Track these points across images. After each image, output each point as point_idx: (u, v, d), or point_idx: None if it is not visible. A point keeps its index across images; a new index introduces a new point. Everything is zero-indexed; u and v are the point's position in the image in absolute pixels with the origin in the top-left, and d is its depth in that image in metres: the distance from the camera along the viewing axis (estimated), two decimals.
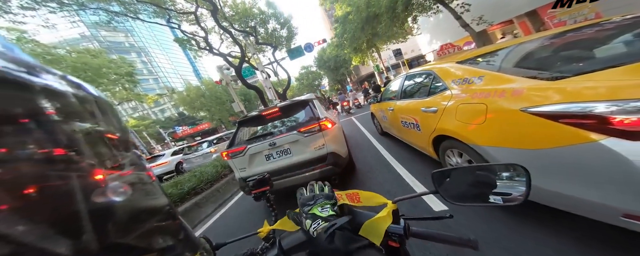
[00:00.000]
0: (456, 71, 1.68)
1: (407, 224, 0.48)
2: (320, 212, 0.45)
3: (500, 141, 1.12)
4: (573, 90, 0.85)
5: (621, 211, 0.77)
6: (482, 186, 0.47)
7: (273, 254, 0.54)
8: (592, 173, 0.80)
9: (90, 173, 0.22)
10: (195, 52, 10.86)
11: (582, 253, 1.01)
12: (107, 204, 0.22)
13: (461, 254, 1.19)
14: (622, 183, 0.73)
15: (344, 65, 27.79)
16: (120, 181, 0.26)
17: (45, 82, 0.20)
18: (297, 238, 0.53)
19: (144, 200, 0.28)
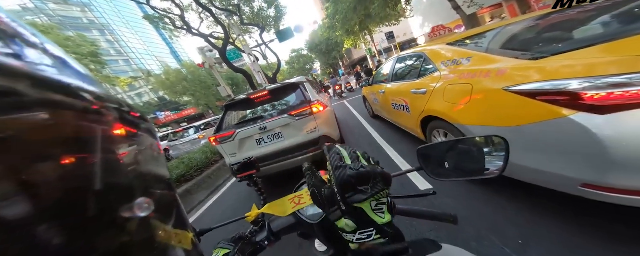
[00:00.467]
0: (446, 52, 1.69)
1: (392, 202, 0.48)
2: (372, 212, 0.30)
3: (483, 120, 1.18)
4: (551, 68, 0.89)
5: (579, 181, 0.86)
6: (463, 160, 0.48)
7: (262, 236, 0.54)
8: (558, 146, 0.88)
9: (113, 127, 0.23)
10: (171, 31, 9.98)
11: (540, 218, 1.14)
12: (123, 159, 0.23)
13: (443, 228, 1.28)
14: (584, 154, 0.80)
15: (335, 48, 26.98)
16: (136, 139, 0.27)
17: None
18: (287, 220, 0.54)
19: (151, 165, 0.29)
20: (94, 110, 0.21)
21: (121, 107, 0.26)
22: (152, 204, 0.25)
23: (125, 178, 0.24)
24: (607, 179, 0.77)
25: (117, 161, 0.23)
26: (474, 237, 1.17)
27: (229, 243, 0.53)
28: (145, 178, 0.27)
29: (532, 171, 1.03)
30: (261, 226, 0.57)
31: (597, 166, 0.78)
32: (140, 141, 0.28)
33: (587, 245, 0.95)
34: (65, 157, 0.17)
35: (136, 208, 0.23)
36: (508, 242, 1.08)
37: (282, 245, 0.62)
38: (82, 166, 0.18)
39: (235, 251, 0.51)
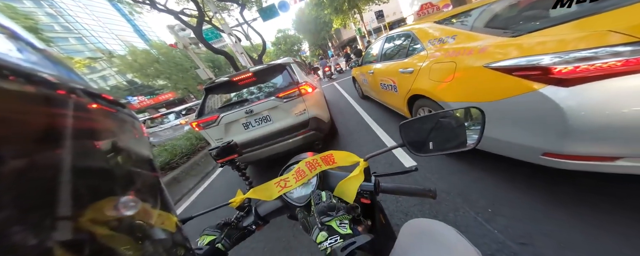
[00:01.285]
0: (433, 31, 1.68)
1: (377, 181, 0.50)
2: (338, 226, 0.40)
3: (464, 97, 1.23)
4: (528, 45, 0.93)
5: (541, 151, 0.95)
6: (443, 134, 0.49)
7: (250, 221, 0.54)
8: (525, 119, 0.95)
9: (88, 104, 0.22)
10: (131, 7, 8.75)
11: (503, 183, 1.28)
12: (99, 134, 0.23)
13: (426, 203, 1.38)
14: (547, 125, 0.88)
15: (324, 28, 25.76)
16: (116, 120, 0.26)
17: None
18: (274, 204, 0.54)
19: (133, 145, 0.28)
20: (61, 96, 0.20)
21: (91, 90, 0.24)
22: (134, 182, 0.25)
23: (106, 157, 0.23)
24: (565, 147, 0.86)
25: (97, 141, 0.22)
26: (452, 209, 1.28)
27: (215, 230, 0.53)
28: (127, 157, 0.26)
29: (502, 143, 1.13)
30: (248, 212, 0.57)
31: (557, 136, 0.86)
32: (120, 121, 0.27)
33: (550, 211, 1.08)
34: (38, 143, 0.16)
35: (118, 186, 0.22)
36: (479, 211, 1.21)
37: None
38: (57, 150, 0.17)
39: (222, 237, 0.51)
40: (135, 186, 0.25)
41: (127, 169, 0.25)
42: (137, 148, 0.29)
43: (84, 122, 0.21)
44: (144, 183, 0.28)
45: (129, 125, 0.29)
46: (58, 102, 0.19)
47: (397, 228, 0.53)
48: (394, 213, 1.38)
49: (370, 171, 0.53)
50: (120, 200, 0.22)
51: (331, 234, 0.39)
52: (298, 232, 1.48)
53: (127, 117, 0.29)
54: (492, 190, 1.31)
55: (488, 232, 1.09)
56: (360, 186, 0.48)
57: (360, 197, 0.49)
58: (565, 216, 1.03)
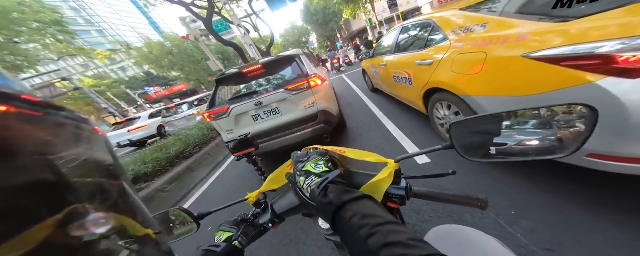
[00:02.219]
0: (458, 19, 1.53)
1: (408, 184, 0.44)
2: (313, 168, 0.43)
3: (493, 90, 1.11)
4: (579, 31, 0.79)
5: (586, 152, 0.85)
6: (510, 137, 0.38)
7: (266, 218, 0.52)
8: None
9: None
10: (145, 0, 8.94)
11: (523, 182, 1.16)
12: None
13: (440, 204, 1.28)
14: (600, 123, 0.76)
15: (333, 19, 25.04)
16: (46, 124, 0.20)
17: None
18: (290, 201, 0.51)
19: (79, 150, 0.23)
20: None
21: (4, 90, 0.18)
22: (84, 195, 0.20)
23: (44, 171, 0.18)
24: (620, 148, 0.75)
25: (14, 154, 0.16)
26: (469, 209, 1.19)
27: (232, 226, 0.52)
28: (78, 167, 0.21)
29: None
30: (264, 208, 0.55)
31: (611, 135, 0.75)
32: (53, 125, 0.21)
33: (582, 215, 0.98)
34: None
35: (61, 204, 0.17)
36: (500, 212, 1.12)
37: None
38: None
39: (239, 234, 0.50)
40: (87, 203, 0.20)
41: (69, 184, 0.20)
42: (85, 155, 0.23)
43: None
44: (101, 196, 0.22)
45: (70, 128, 0.23)
46: None
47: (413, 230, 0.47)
48: (404, 210, 1.31)
49: (400, 173, 0.46)
50: (88, 218, 0.18)
51: (308, 176, 0.42)
52: (306, 226, 1.47)
53: (65, 120, 0.23)
54: (515, 191, 1.22)
55: (510, 235, 1.00)
56: (388, 190, 0.43)
57: (388, 201, 0.44)
58: (599, 222, 0.93)
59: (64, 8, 39.93)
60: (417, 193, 0.44)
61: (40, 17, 10.56)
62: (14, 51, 9.76)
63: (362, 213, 0.31)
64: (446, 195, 0.42)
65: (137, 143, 7.44)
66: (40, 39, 11.11)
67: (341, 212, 0.32)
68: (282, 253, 1.36)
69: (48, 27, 10.87)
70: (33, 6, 10.71)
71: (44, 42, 11.44)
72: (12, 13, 9.59)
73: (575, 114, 0.34)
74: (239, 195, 0.58)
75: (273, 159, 2.87)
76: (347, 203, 0.33)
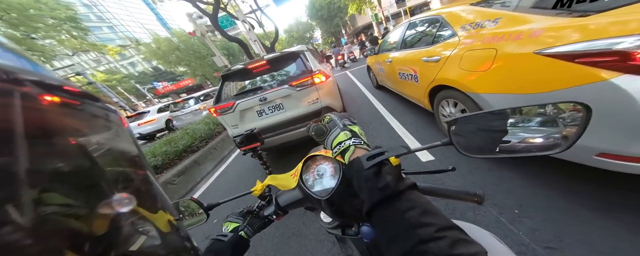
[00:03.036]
0: (468, 14, 1.49)
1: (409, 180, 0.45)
2: (359, 133, 0.38)
3: (503, 88, 1.09)
4: (597, 27, 0.76)
5: (596, 151, 0.82)
6: (508, 133, 0.38)
7: (271, 211, 0.54)
8: None
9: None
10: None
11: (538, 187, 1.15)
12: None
13: (443, 202, 1.28)
14: (610, 122, 0.74)
15: (338, 14, 24.66)
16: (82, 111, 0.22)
17: None
18: (294, 195, 0.53)
19: (112, 140, 0.24)
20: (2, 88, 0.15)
21: (48, 80, 0.20)
22: (116, 183, 0.21)
23: (79, 158, 0.19)
24: (630, 148, 0.72)
25: (57, 141, 0.18)
26: (471, 207, 1.19)
27: (238, 217, 0.55)
28: (108, 156, 0.22)
29: None
30: (268, 201, 0.57)
31: (623, 134, 0.73)
32: (90, 114, 0.23)
33: (588, 215, 0.96)
34: None
35: (95, 192, 0.18)
36: (503, 211, 1.11)
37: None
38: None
39: (245, 225, 0.52)
40: (115, 189, 0.22)
41: (102, 171, 0.22)
42: (115, 145, 0.25)
43: (37, 119, 0.17)
44: (132, 184, 0.24)
45: (103, 120, 0.25)
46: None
47: None
48: None
49: (400, 168, 0.47)
50: (113, 198, 0.20)
51: (354, 135, 0.37)
52: (308, 220, 1.50)
53: (98, 110, 0.24)
54: (520, 190, 1.20)
55: (510, 233, 1.00)
56: None
57: None
58: (604, 221, 0.91)
59: (77, 5, 40.78)
60: (418, 188, 0.45)
61: (55, 14, 10.83)
62: (31, 47, 10.09)
63: (423, 208, 0.26)
64: (445, 190, 0.43)
65: (146, 136, 7.63)
66: (56, 35, 11.42)
67: (396, 201, 0.27)
68: (285, 246, 1.38)
69: (63, 23, 11.16)
70: (49, 3, 10.99)
71: (59, 39, 11.74)
72: (29, 10, 9.85)
73: (570, 112, 0.34)
74: (243, 189, 0.60)
75: (277, 154, 2.89)
76: (406, 191, 0.28)
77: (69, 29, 11.48)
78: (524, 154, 0.36)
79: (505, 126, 0.38)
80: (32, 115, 0.16)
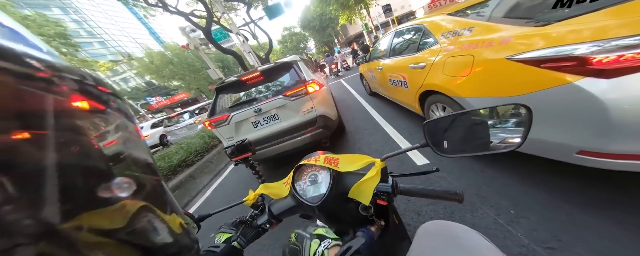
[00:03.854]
0: (447, 23, 1.60)
1: (395, 182, 0.47)
2: (326, 233, 0.42)
3: (484, 91, 1.15)
4: (558, 35, 0.84)
5: (576, 149, 0.87)
6: (476, 134, 0.44)
7: (264, 219, 0.55)
8: (557, 114, 0.87)
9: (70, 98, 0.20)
10: (145, 10, 9.09)
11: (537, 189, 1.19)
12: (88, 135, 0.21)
13: (440, 202, 1.31)
14: (584, 121, 0.80)
15: (330, 25, 25.47)
16: (107, 118, 0.24)
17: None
18: (287, 203, 0.54)
19: (130, 149, 0.27)
20: (42, 78, 0.18)
21: (84, 80, 0.22)
22: (133, 185, 0.24)
23: (101, 161, 0.21)
24: (605, 145, 0.77)
25: (85, 141, 0.20)
26: (469, 209, 1.21)
27: (231, 228, 0.54)
28: (125, 162, 0.25)
29: (529, 140, 1.04)
30: (262, 210, 0.58)
31: (596, 132, 0.78)
32: (112, 120, 0.25)
33: (583, 214, 0.98)
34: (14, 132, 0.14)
35: (116, 189, 0.21)
36: (500, 212, 1.13)
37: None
38: (38, 145, 0.16)
39: (238, 235, 0.52)
40: (139, 191, 0.24)
41: (129, 175, 0.24)
42: (136, 152, 0.28)
43: (66, 118, 0.19)
44: (147, 187, 0.27)
45: (124, 127, 0.27)
46: (38, 84, 0.17)
47: (409, 228, 0.50)
48: (405, 212, 1.33)
49: (387, 172, 0.50)
50: (114, 181, 0.22)
51: (323, 239, 0.40)
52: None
53: (120, 116, 0.27)
54: (513, 190, 1.23)
55: (510, 235, 1.02)
56: (377, 188, 0.46)
57: (377, 198, 0.48)
58: (601, 220, 0.94)
59: (66, 21, 40.78)
60: (402, 190, 0.48)
61: (44, 31, 10.80)
62: None
63: None
64: (429, 191, 0.45)
65: None
66: None
67: None
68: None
69: (52, 40, 11.10)
70: (37, 20, 10.97)
71: None
72: None
73: (514, 114, 0.40)
74: (239, 200, 0.60)
75: (273, 164, 2.89)
76: None
77: (58, 45, 11.40)
78: (489, 152, 0.41)
79: (471, 127, 0.43)
80: (64, 113, 0.18)
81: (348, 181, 0.51)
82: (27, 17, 10.84)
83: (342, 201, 0.49)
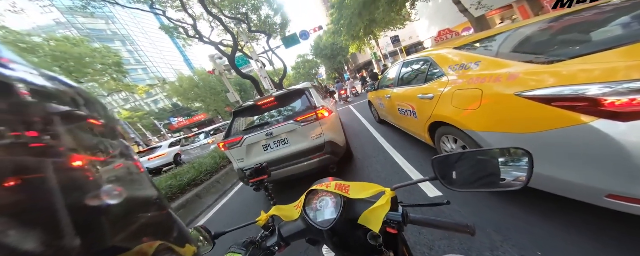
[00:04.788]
0: (453, 56, 1.66)
1: (405, 211, 0.48)
2: None
3: (495, 126, 1.14)
4: (568, 73, 0.85)
5: (605, 192, 0.80)
6: (483, 171, 0.46)
7: (273, 241, 0.55)
8: (579, 155, 0.83)
9: (69, 159, 0.20)
10: (184, 40, 10.43)
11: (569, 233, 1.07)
12: (91, 196, 0.21)
13: (455, 237, 1.23)
14: (609, 164, 0.75)
15: (340, 53, 27.15)
16: (106, 169, 0.25)
17: (16, 74, 0.19)
18: (296, 226, 0.54)
19: (133, 191, 0.27)
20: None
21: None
22: (148, 232, 0.24)
23: (99, 210, 0.21)
24: (633, 189, 0.71)
25: (87, 186, 0.21)
26: (488, 247, 1.11)
27: (241, 248, 0.55)
28: (128, 204, 0.24)
29: (553, 180, 0.97)
30: (272, 231, 0.58)
31: (623, 176, 0.73)
32: (111, 167, 0.26)
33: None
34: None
35: (104, 196, 0.21)
36: (524, 252, 1.02)
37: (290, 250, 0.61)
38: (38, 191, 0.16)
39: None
40: (152, 232, 0.25)
41: (136, 218, 0.25)
42: (140, 192, 0.28)
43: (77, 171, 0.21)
44: (158, 225, 0.27)
45: (124, 166, 0.28)
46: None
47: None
48: (415, 245, 1.25)
49: (397, 201, 0.51)
50: (102, 189, 0.21)
51: None
52: (311, 252, 1.40)
53: (120, 158, 0.28)
54: (537, 229, 1.12)
55: None
56: (387, 216, 0.46)
57: (386, 226, 0.47)
58: None
59: (122, 51, 47.43)
60: (412, 219, 0.47)
61: (105, 61, 12.46)
62: None
63: None
64: (439, 222, 0.45)
65: (153, 170, 7.76)
66: (99, 78, 12.88)
67: None
68: None
69: (109, 68, 12.70)
70: (102, 51, 12.76)
71: (101, 81, 13.20)
72: (85, 58, 11.43)
73: (518, 156, 0.43)
74: (241, 222, 0.62)
75: (280, 187, 2.85)
76: None
77: (111, 72, 12.97)
78: (496, 188, 0.43)
79: (479, 163, 0.46)
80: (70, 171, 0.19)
81: (358, 207, 0.52)
82: (95, 49, 12.67)
83: (351, 228, 0.49)
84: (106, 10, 40.71)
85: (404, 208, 0.49)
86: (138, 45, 55.87)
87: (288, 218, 0.57)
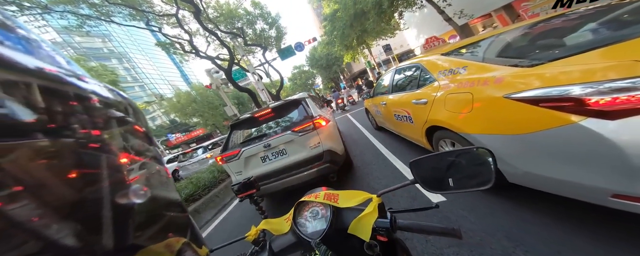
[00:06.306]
0: (442, 62, 1.72)
1: (393, 217, 0.48)
2: None
3: (489, 129, 1.16)
4: (550, 75, 0.89)
5: (610, 192, 0.80)
6: (456, 173, 0.47)
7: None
8: (575, 155, 0.84)
9: (118, 156, 0.26)
10: (181, 56, 10.59)
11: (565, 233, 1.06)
12: (130, 192, 0.25)
13: (464, 244, 1.20)
14: (605, 163, 0.76)
15: (336, 63, 27.76)
16: (145, 169, 0.30)
17: (90, 87, 0.26)
18: (288, 239, 0.53)
19: (164, 192, 0.31)
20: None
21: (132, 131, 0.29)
22: (173, 229, 0.27)
23: (137, 204, 0.25)
24: (634, 188, 0.72)
25: (125, 188, 0.24)
26: (500, 254, 1.08)
27: None
28: (157, 203, 0.28)
29: (555, 181, 0.97)
30: (262, 247, 0.57)
31: (623, 175, 0.73)
32: (148, 168, 0.30)
33: None
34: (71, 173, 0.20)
35: (132, 196, 0.24)
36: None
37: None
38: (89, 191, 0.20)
39: None
40: (177, 229, 0.28)
41: (163, 216, 0.28)
42: (165, 193, 0.31)
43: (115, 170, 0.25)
44: (177, 225, 0.30)
45: (157, 172, 0.32)
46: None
47: None
48: (422, 254, 1.22)
49: (385, 207, 0.51)
50: (131, 188, 0.25)
51: None
52: None
53: (153, 163, 0.32)
54: (552, 234, 1.09)
55: None
56: (375, 223, 0.46)
57: (376, 234, 0.47)
58: None
59: (119, 69, 47.90)
60: (401, 225, 0.47)
61: (102, 79, 12.69)
62: None
63: None
64: (426, 226, 0.46)
65: None
66: None
67: None
68: None
69: None
70: (99, 70, 12.97)
71: None
72: None
73: (482, 155, 0.44)
74: (240, 236, 0.60)
75: (280, 199, 2.80)
76: None
77: None
78: (467, 189, 0.45)
79: (450, 166, 0.47)
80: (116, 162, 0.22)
81: (347, 216, 0.51)
82: (92, 68, 12.92)
83: (343, 238, 0.49)
84: (103, 28, 41.45)
85: (393, 215, 0.49)
86: (135, 62, 56.57)
87: (278, 231, 0.55)
